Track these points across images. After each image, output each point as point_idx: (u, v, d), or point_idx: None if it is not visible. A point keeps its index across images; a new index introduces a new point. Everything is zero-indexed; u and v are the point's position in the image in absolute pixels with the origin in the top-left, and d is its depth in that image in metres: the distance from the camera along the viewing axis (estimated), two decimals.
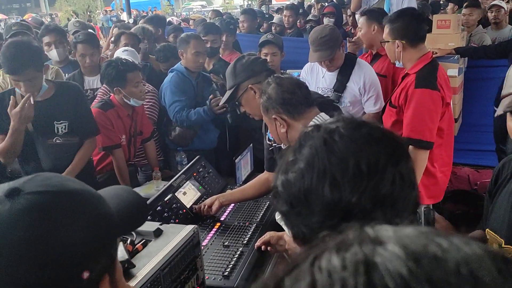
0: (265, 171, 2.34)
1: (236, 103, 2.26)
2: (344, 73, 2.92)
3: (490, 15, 5.01)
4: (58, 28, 4.01)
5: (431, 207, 2.43)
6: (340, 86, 2.92)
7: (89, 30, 4.39)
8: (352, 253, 0.35)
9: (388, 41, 2.52)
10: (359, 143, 0.71)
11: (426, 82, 2.36)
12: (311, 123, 1.69)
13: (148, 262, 1.31)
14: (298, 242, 0.77)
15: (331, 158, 0.70)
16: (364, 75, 2.90)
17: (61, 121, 2.58)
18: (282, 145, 2.09)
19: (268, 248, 1.88)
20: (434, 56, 2.75)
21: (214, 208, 2.21)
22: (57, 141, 2.58)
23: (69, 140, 2.62)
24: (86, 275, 0.64)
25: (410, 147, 2.31)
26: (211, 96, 3.21)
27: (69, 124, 2.60)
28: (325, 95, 2.73)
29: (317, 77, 3.09)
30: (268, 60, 3.19)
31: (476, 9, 4.95)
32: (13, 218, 0.61)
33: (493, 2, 5.10)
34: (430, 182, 2.50)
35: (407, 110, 2.38)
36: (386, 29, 2.52)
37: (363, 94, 2.93)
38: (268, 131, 2.21)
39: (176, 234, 1.47)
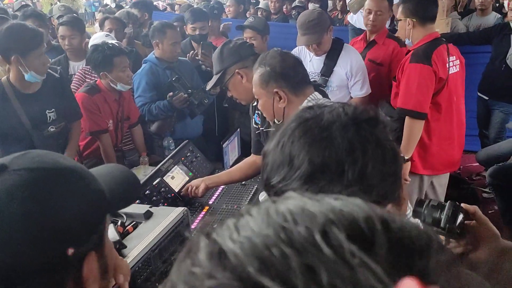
0: (251, 154, 2.36)
1: (223, 87, 2.25)
2: (331, 57, 2.93)
3: (477, 1, 5.04)
4: (36, 13, 3.92)
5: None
6: (327, 70, 2.93)
7: (74, 15, 4.32)
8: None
9: (401, 20, 2.68)
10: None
11: (419, 58, 2.55)
12: (305, 102, 1.71)
13: (139, 243, 1.32)
14: None
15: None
16: (351, 59, 2.91)
17: (52, 109, 2.57)
18: (270, 128, 2.11)
19: None
20: None
21: (200, 190, 2.22)
22: (51, 129, 2.57)
23: (59, 126, 2.62)
24: (71, 251, 0.64)
25: (406, 117, 2.55)
26: (170, 94, 3.15)
27: (56, 111, 2.59)
28: (312, 80, 2.75)
29: (304, 61, 3.08)
30: None
31: None
32: (8, 193, 0.61)
33: None
34: (426, 154, 2.68)
35: (401, 83, 2.60)
36: (400, 8, 2.69)
37: (350, 78, 2.93)
38: (256, 112, 2.22)
39: (166, 216, 1.48)
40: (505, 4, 4.87)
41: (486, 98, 4.02)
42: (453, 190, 3.22)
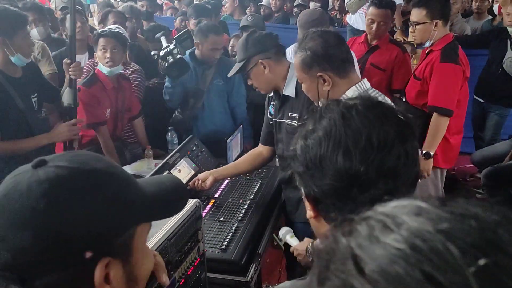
0: (259, 145, 2.39)
1: (245, 75, 2.25)
2: None
3: (474, 5, 5.11)
4: (36, 6, 3.92)
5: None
6: None
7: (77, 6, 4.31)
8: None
9: (425, 22, 2.73)
10: (373, 120, 0.79)
11: (450, 58, 2.67)
12: (354, 88, 1.66)
13: (156, 232, 1.36)
14: (309, 200, 0.85)
15: (347, 130, 0.78)
16: None
17: (35, 94, 2.58)
18: (284, 120, 2.14)
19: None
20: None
21: (208, 182, 2.25)
22: (44, 114, 2.59)
23: (47, 111, 2.67)
24: (88, 254, 0.63)
25: (434, 114, 2.68)
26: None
27: (38, 96, 2.60)
28: None
29: None
30: None
31: None
32: (28, 188, 0.63)
33: None
34: (446, 148, 2.81)
35: (433, 82, 2.69)
36: (422, 12, 2.73)
37: None
38: (272, 104, 2.26)
39: None
40: (495, 8, 4.97)
41: (482, 101, 4.10)
42: (448, 190, 3.29)
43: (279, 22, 5.58)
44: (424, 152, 2.69)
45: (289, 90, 2.12)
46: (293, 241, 1.90)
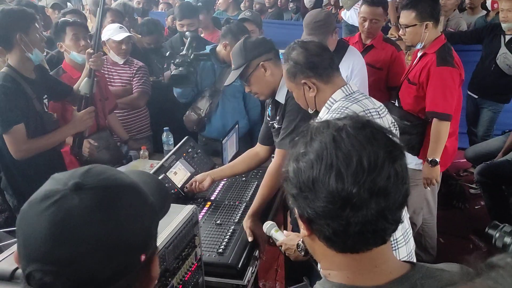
0: (257, 144, 2.41)
1: (245, 81, 2.18)
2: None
3: (467, 0, 5.13)
4: (30, 5, 3.87)
5: None
6: None
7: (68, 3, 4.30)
8: None
9: (415, 25, 2.67)
10: (363, 142, 0.81)
11: (446, 61, 2.62)
12: (339, 91, 1.73)
13: None
14: (303, 220, 0.88)
15: (338, 153, 0.81)
16: (354, 62, 2.87)
17: (45, 96, 2.59)
18: (278, 126, 2.16)
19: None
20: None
21: (206, 184, 2.27)
22: (56, 116, 2.61)
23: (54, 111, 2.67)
24: (143, 257, 0.73)
25: (434, 119, 2.64)
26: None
27: (48, 97, 2.61)
28: None
29: None
30: None
31: None
32: (84, 214, 0.67)
33: None
34: (443, 152, 2.74)
35: (430, 87, 2.64)
36: (411, 14, 2.68)
37: (348, 81, 2.90)
38: (270, 105, 2.27)
39: (178, 214, 1.53)
40: (488, 4, 4.98)
41: (476, 96, 4.13)
42: (442, 185, 3.32)
43: (273, 18, 5.58)
44: (430, 159, 2.67)
45: (280, 97, 2.13)
46: (278, 235, 1.90)
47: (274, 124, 2.21)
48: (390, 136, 0.85)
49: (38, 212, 0.67)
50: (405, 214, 1.63)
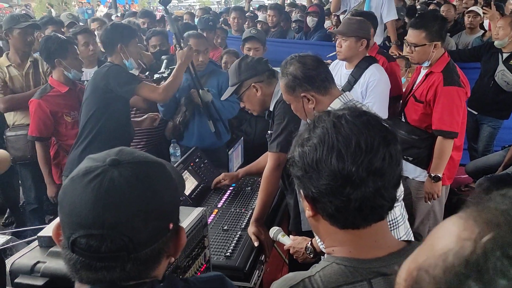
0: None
1: (238, 98, 2.38)
2: (355, 74, 2.91)
3: (467, 20, 5.28)
4: (54, 20, 4.01)
5: None
6: (348, 86, 2.92)
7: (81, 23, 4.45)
8: None
9: (424, 44, 2.70)
10: (360, 127, 0.91)
11: (453, 80, 2.68)
12: (337, 100, 1.81)
13: None
14: (308, 200, 0.96)
15: (339, 136, 0.91)
16: (369, 79, 2.82)
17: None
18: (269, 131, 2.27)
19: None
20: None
21: (239, 175, 2.58)
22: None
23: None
24: (171, 226, 0.82)
25: (439, 137, 2.70)
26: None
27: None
28: None
29: (335, 74, 2.95)
30: (250, 54, 3.33)
31: (451, 6, 5.21)
32: (125, 184, 0.76)
33: (471, 8, 5.38)
34: (451, 165, 2.82)
35: (437, 106, 2.69)
36: (421, 34, 2.69)
37: (364, 98, 2.85)
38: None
39: (188, 215, 1.60)
40: (485, 24, 5.12)
41: (475, 113, 4.21)
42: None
43: (277, 37, 5.70)
44: (433, 175, 2.72)
45: (272, 106, 2.24)
46: (285, 239, 1.97)
47: (269, 131, 2.32)
48: (385, 123, 0.95)
49: (83, 185, 0.76)
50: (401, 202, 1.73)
